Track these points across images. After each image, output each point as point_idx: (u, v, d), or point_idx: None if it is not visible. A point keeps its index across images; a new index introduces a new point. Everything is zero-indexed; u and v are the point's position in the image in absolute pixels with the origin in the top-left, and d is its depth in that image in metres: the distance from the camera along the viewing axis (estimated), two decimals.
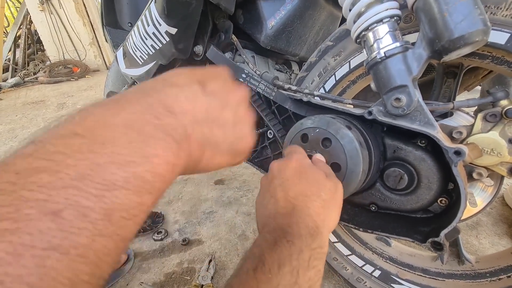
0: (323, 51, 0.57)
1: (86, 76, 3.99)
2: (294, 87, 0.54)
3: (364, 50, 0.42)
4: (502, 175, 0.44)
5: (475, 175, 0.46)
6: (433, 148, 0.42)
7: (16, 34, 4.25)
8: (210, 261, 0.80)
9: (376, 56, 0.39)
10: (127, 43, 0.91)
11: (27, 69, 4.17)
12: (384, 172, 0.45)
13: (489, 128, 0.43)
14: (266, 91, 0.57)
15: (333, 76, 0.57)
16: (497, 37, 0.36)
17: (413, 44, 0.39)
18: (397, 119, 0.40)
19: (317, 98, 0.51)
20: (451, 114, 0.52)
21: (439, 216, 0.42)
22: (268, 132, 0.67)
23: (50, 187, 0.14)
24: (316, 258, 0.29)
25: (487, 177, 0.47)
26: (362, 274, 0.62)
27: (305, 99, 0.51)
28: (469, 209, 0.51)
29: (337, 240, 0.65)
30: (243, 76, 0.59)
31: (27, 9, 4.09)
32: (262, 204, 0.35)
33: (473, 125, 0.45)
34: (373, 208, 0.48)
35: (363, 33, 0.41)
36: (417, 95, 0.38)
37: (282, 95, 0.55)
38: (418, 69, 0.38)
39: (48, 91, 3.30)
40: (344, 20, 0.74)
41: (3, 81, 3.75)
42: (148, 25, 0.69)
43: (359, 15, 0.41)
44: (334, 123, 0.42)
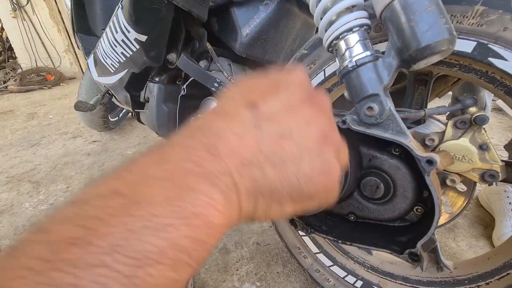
0: (298, 59, 0.57)
1: (61, 84, 3.81)
2: None
3: (337, 58, 0.42)
4: (475, 181, 0.45)
5: (448, 181, 0.46)
6: (406, 156, 0.41)
7: None
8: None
9: (347, 65, 0.39)
10: (97, 50, 0.86)
11: None
12: (361, 181, 0.44)
13: (459, 134, 0.44)
14: None
15: None
16: (463, 45, 0.37)
17: (383, 53, 0.39)
18: (370, 128, 0.40)
19: None
20: (424, 121, 0.53)
21: (416, 225, 0.42)
22: None
23: (79, 265, 0.13)
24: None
25: (460, 182, 0.47)
26: (345, 286, 0.60)
27: None
28: (444, 215, 0.51)
29: (318, 251, 0.64)
30: (215, 85, 0.57)
31: None
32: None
33: (444, 132, 0.46)
34: (352, 217, 0.47)
35: (334, 42, 0.40)
36: (389, 103, 0.38)
37: None
38: (389, 78, 0.37)
39: (18, 100, 3.10)
40: None
41: None
42: (117, 32, 0.66)
43: (330, 23, 0.40)
44: None
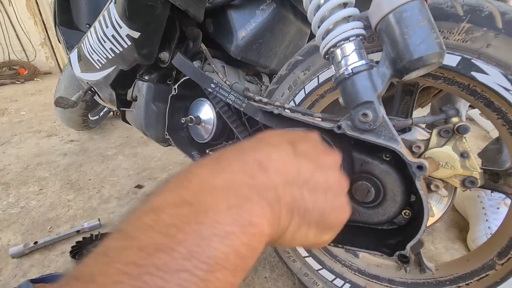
0: (293, 65, 0.58)
1: (35, 79, 3.59)
2: (265, 99, 0.53)
3: (332, 66, 0.43)
4: (456, 187, 0.47)
5: (432, 187, 0.49)
6: (396, 161, 0.43)
7: None
8: None
9: (344, 72, 0.40)
10: (82, 45, 0.83)
11: None
12: (352, 185, 0.46)
13: (443, 143, 0.47)
14: (236, 102, 0.55)
15: (303, 89, 0.58)
16: (449, 59, 0.40)
17: (377, 62, 0.40)
18: (364, 134, 0.41)
19: (287, 111, 0.50)
20: (409, 129, 0.56)
21: (404, 228, 0.44)
22: None
23: (167, 269, 0.15)
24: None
25: (442, 188, 0.50)
26: None
27: (276, 111, 0.50)
28: (430, 219, 0.54)
29: (307, 255, 0.64)
30: (212, 86, 0.56)
31: None
32: None
33: (429, 140, 0.48)
34: None
35: (331, 49, 0.42)
36: (382, 111, 0.40)
37: (253, 107, 0.54)
38: (382, 86, 0.39)
39: None
40: (312, 36, 0.77)
41: None
42: (107, 27, 0.63)
43: (327, 32, 0.42)
44: None
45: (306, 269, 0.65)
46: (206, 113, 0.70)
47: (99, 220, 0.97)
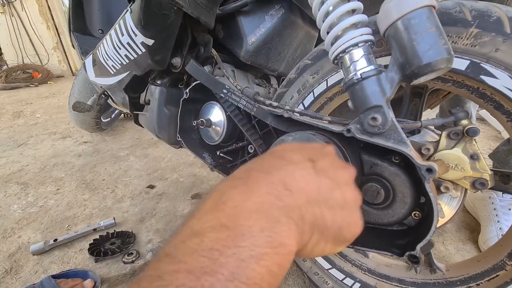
0: (301, 69, 0.59)
1: (48, 82, 3.70)
2: (275, 103, 0.54)
3: (341, 70, 0.44)
4: (466, 188, 0.48)
5: (442, 188, 0.49)
6: (406, 164, 0.44)
7: None
8: None
9: (353, 77, 0.41)
10: (97, 51, 0.86)
11: None
12: (362, 187, 0.47)
13: (452, 145, 0.47)
14: (247, 107, 0.57)
15: (312, 93, 0.59)
16: (458, 63, 0.40)
17: (385, 67, 0.41)
18: (373, 137, 0.42)
19: (297, 115, 0.52)
20: (419, 131, 0.56)
21: (414, 229, 0.45)
22: (249, 146, 0.67)
23: None
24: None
25: (453, 189, 0.50)
26: None
27: (286, 115, 0.51)
28: (438, 220, 0.54)
29: None
30: (224, 91, 0.58)
31: None
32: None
33: (438, 142, 0.49)
34: None
35: (340, 55, 0.43)
36: (391, 114, 0.41)
37: (263, 111, 0.55)
38: (391, 90, 0.40)
39: (4, 98, 2.98)
40: (320, 39, 0.78)
41: None
42: (123, 34, 0.66)
43: (336, 38, 0.43)
44: (314, 139, 0.43)
45: (316, 268, 0.66)
46: (217, 116, 0.72)
47: (114, 219, 1.01)
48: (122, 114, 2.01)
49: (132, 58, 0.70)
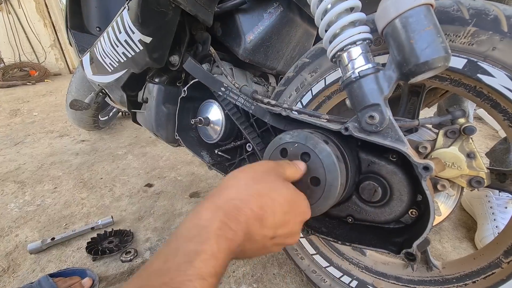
0: (300, 67, 0.59)
1: (45, 80, 3.68)
2: (273, 102, 0.54)
3: (339, 69, 0.44)
4: (462, 186, 0.48)
5: (439, 186, 0.49)
6: (403, 162, 0.44)
7: None
8: None
9: (351, 76, 0.41)
10: (95, 48, 0.85)
11: None
12: (359, 185, 0.47)
13: (449, 143, 0.47)
14: (245, 105, 0.57)
15: (310, 91, 0.59)
16: (455, 62, 0.40)
17: (383, 65, 0.41)
18: (371, 135, 0.42)
19: (295, 113, 0.52)
20: (416, 130, 0.56)
21: (411, 227, 0.45)
22: (247, 145, 0.67)
23: None
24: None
25: (449, 187, 0.50)
26: (340, 285, 0.63)
27: (284, 113, 0.51)
28: (436, 218, 0.54)
29: (315, 252, 0.66)
30: (222, 89, 0.58)
31: None
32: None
33: (435, 141, 0.49)
34: (350, 220, 0.49)
35: (338, 53, 0.43)
36: (388, 113, 0.41)
37: (261, 109, 0.55)
38: (389, 89, 0.40)
39: (0, 96, 2.96)
40: (318, 37, 0.78)
41: None
42: (120, 32, 0.66)
43: (334, 36, 0.43)
44: (312, 137, 0.43)
45: (314, 266, 0.66)
46: (215, 114, 0.72)
47: (112, 218, 1.00)
48: (120, 112, 2.00)
49: (130, 56, 0.70)
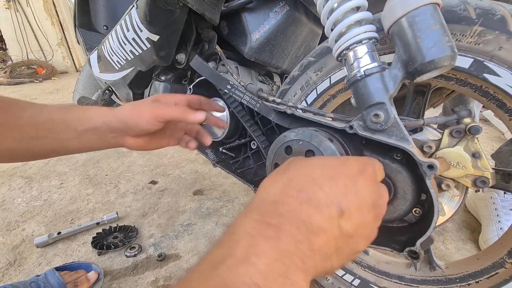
0: (305, 66, 0.59)
1: (52, 78, 3.73)
2: (278, 100, 0.55)
3: (345, 67, 0.45)
4: (467, 186, 0.48)
5: (443, 186, 0.49)
6: (407, 161, 0.44)
7: None
8: None
9: (356, 74, 0.42)
10: (102, 47, 0.86)
11: None
12: None
13: (454, 143, 0.47)
14: (250, 103, 0.57)
15: (315, 90, 0.59)
16: (461, 61, 0.41)
17: (389, 64, 0.41)
18: (375, 134, 0.42)
19: (300, 111, 0.52)
20: (421, 129, 0.56)
21: (414, 225, 0.45)
22: (252, 142, 0.67)
23: None
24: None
25: (454, 187, 0.50)
26: (343, 284, 0.63)
27: (289, 111, 0.52)
28: (440, 218, 0.54)
29: None
30: (228, 87, 0.58)
31: None
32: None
33: (440, 140, 0.49)
34: None
35: (344, 52, 0.43)
36: (393, 112, 0.41)
37: (266, 107, 0.56)
38: (394, 88, 0.40)
39: (8, 93, 3.01)
40: (324, 37, 0.78)
41: None
42: (128, 30, 0.67)
43: (340, 35, 0.43)
44: (316, 135, 0.44)
45: None
46: (220, 112, 0.73)
47: (117, 213, 1.02)
48: None
49: (137, 54, 0.71)
